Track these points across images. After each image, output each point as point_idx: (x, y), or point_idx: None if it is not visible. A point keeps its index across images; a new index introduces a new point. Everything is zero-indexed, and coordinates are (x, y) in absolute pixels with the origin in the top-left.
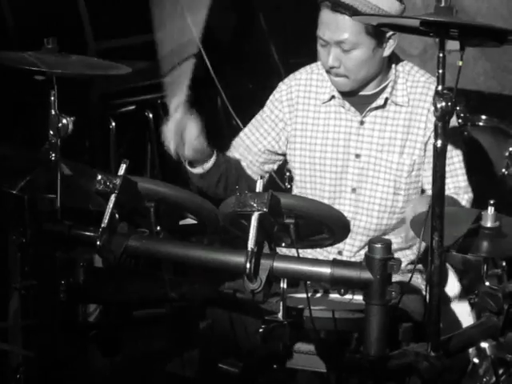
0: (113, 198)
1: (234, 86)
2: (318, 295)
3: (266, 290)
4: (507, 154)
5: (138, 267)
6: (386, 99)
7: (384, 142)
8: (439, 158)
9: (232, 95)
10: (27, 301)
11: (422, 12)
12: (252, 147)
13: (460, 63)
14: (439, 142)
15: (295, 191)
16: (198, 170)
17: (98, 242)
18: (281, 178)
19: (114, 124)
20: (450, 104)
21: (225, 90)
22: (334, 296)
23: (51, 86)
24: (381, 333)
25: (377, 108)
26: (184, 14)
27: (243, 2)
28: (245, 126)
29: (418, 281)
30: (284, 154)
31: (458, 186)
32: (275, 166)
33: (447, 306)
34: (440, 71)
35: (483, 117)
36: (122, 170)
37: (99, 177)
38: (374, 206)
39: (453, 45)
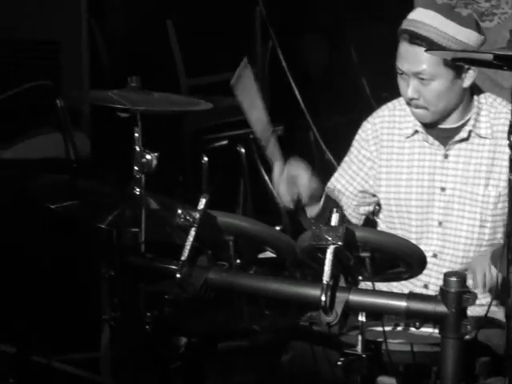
0: (192, 231)
1: (326, 121)
2: (399, 329)
3: (341, 323)
4: None
5: (220, 299)
6: (470, 132)
7: (469, 175)
8: None
9: (324, 129)
10: (116, 332)
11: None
12: (344, 191)
13: None
14: None
15: (382, 226)
16: (315, 210)
17: (178, 275)
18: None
19: (206, 159)
20: None
21: (317, 125)
22: (414, 330)
23: (135, 123)
24: (456, 366)
25: (460, 141)
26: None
27: (335, 36)
28: (336, 159)
29: (501, 314)
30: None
31: None
32: (371, 208)
33: None
34: None
35: None
36: (201, 205)
37: (179, 211)
38: (460, 239)
39: None
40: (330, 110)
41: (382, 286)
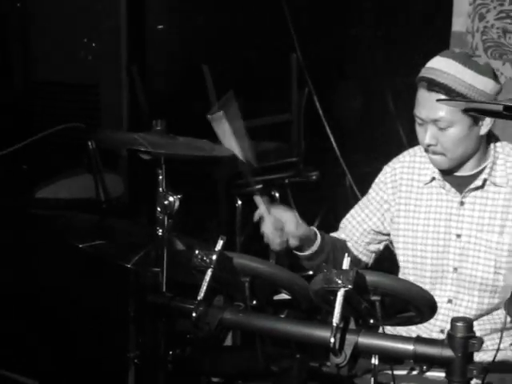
0: (209, 272)
1: (362, 167)
2: (415, 373)
3: (351, 365)
4: None
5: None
6: (485, 180)
7: (484, 222)
8: None
9: (360, 176)
10: (140, 370)
11: None
12: (358, 227)
13: None
14: None
15: (399, 272)
16: (305, 253)
17: (194, 314)
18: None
19: (240, 202)
20: None
21: (352, 171)
22: (430, 374)
23: (159, 165)
24: None
25: (476, 189)
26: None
27: (373, 84)
28: None
29: None
30: (389, 234)
31: None
32: (381, 247)
33: None
34: None
35: None
36: (218, 246)
37: (196, 252)
38: (475, 285)
39: None
40: (365, 157)
41: (401, 330)
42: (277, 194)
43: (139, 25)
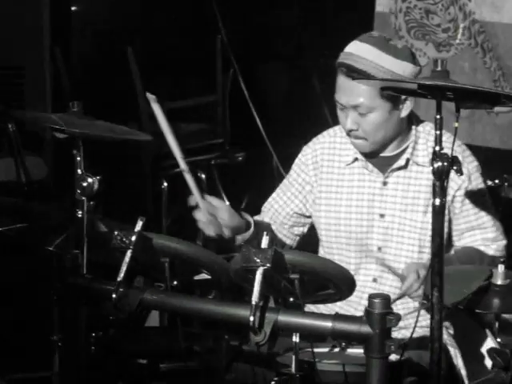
0: (128, 253)
1: (288, 148)
2: (336, 350)
3: (270, 343)
4: None
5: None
6: (408, 160)
7: (407, 202)
8: (438, 216)
9: (286, 157)
10: (63, 353)
11: (469, 75)
12: (281, 211)
13: (456, 124)
14: (437, 201)
15: (321, 252)
16: (239, 241)
17: (114, 295)
18: None
19: (166, 184)
20: (446, 164)
21: (278, 152)
22: (351, 351)
23: (77, 147)
24: None
25: (399, 169)
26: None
27: (298, 66)
28: None
29: (444, 336)
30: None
31: (486, 237)
32: (305, 229)
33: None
34: (437, 132)
35: None
36: (138, 227)
37: (115, 233)
38: (399, 264)
39: (501, 107)
40: (291, 137)
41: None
42: (203, 176)
43: (62, 6)
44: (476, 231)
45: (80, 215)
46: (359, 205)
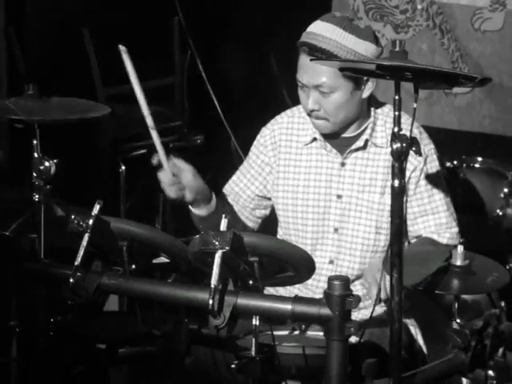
0: (86, 237)
1: (247, 130)
2: (296, 332)
3: (230, 326)
4: (502, 195)
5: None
6: (366, 141)
7: (365, 183)
8: (396, 197)
9: (245, 139)
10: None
11: (428, 57)
12: (241, 194)
13: (414, 105)
14: (396, 182)
15: (280, 233)
16: (201, 212)
17: (71, 280)
18: None
19: (124, 168)
20: (404, 145)
21: (237, 134)
22: (311, 333)
23: (33, 132)
24: (341, 368)
25: (357, 150)
26: None
27: (255, 47)
28: None
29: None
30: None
31: (439, 222)
32: (267, 212)
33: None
34: (396, 113)
35: (479, 158)
36: (95, 210)
37: (72, 217)
38: (356, 245)
39: (460, 88)
40: (250, 120)
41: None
42: None
43: None
44: (429, 216)
45: (37, 199)
46: (317, 185)
